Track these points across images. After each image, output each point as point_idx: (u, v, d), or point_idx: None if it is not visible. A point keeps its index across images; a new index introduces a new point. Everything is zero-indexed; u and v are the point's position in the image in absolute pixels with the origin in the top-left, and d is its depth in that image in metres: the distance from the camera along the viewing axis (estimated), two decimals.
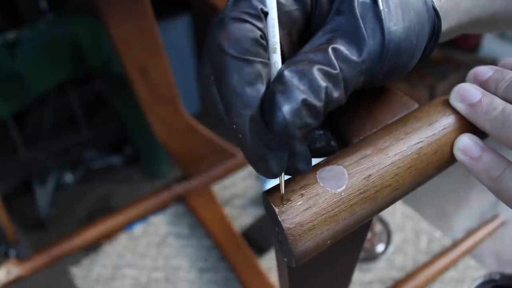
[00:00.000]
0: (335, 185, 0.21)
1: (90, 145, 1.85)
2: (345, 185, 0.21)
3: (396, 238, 0.77)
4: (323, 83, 0.19)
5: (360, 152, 0.22)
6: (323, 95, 0.19)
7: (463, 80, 0.25)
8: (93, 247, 0.80)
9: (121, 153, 1.88)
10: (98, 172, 1.84)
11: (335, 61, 0.19)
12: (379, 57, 0.20)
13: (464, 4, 0.25)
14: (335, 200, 0.21)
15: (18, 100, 1.34)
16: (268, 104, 0.18)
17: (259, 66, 0.19)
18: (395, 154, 0.22)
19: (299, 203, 0.20)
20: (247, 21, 0.19)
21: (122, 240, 0.80)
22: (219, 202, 0.83)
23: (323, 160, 0.22)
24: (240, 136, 0.19)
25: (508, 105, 0.22)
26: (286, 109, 0.18)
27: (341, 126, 0.25)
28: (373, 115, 0.25)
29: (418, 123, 0.23)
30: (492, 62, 1.88)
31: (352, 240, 0.27)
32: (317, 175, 0.21)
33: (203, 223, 0.79)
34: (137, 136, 1.71)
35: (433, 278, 0.70)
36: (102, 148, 1.88)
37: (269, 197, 0.21)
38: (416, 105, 0.25)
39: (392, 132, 0.23)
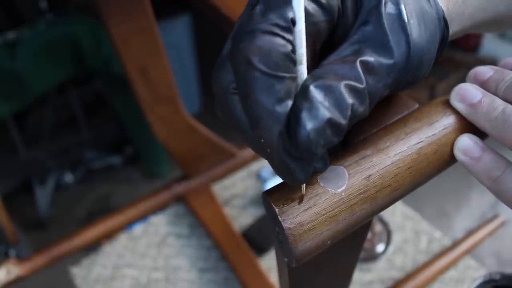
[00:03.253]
0: (336, 185, 0.21)
1: (90, 145, 1.85)
2: (345, 185, 0.21)
3: (396, 238, 0.77)
4: (349, 100, 0.18)
5: (360, 152, 0.22)
6: (348, 112, 0.18)
7: (463, 80, 0.25)
8: (93, 247, 0.80)
9: (121, 153, 1.87)
10: (98, 172, 1.84)
11: (362, 76, 0.19)
12: (404, 68, 0.20)
13: (468, 11, 0.25)
14: (335, 200, 0.21)
15: (18, 100, 1.34)
16: (293, 120, 0.18)
17: (289, 82, 0.18)
18: (395, 154, 0.22)
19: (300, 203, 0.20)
20: (278, 35, 0.18)
21: (122, 240, 0.80)
22: (219, 202, 0.83)
23: None
24: (269, 150, 0.19)
25: (509, 105, 0.22)
26: (310, 127, 0.18)
27: None
28: (373, 115, 0.25)
29: (418, 123, 0.23)
30: (492, 62, 1.88)
31: (352, 240, 0.27)
32: (318, 175, 0.21)
33: (203, 223, 0.79)
34: (137, 136, 1.71)
35: (433, 278, 0.70)
36: (102, 148, 1.88)
37: (269, 197, 0.21)
38: (416, 105, 0.25)
39: (392, 132, 0.23)
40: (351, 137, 0.24)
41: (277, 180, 0.21)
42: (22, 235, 1.51)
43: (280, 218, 0.20)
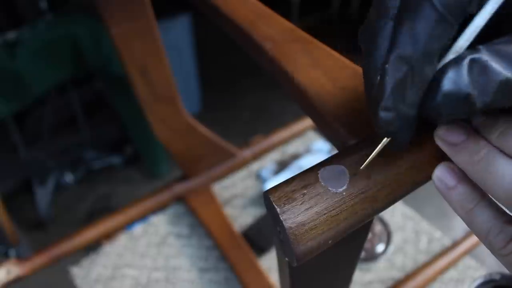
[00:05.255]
0: (337, 185, 0.21)
1: (90, 145, 1.85)
2: (346, 185, 0.21)
3: (396, 238, 0.77)
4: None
5: (361, 152, 0.22)
6: (489, 99, 0.18)
7: None
8: (93, 247, 0.80)
9: (121, 153, 1.88)
10: (98, 172, 1.84)
11: None
12: None
13: None
14: (336, 200, 0.21)
15: (18, 100, 1.34)
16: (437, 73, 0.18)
17: (449, 31, 0.18)
18: (396, 154, 0.22)
19: (301, 202, 0.20)
20: None
21: (122, 240, 0.80)
22: (219, 202, 0.83)
23: (324, 160, 0.22)
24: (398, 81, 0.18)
25: (493, 149, 0.20)
26: (441, 94, 0.18)
27: None
28: None
29: None
30: None
31: (353, 240, 0.27)
32: (319, 175, 0.21)
33: (203, 223, 0.79)
34: (137, 136, 1.71)
35: (433, 278, 0.70)
36: (102, 148, 1.88)
37: (270, 197, 0.21)
38: None
39: None
40: (351, 137, 0.24)
41: (277, 180, 0.21)
42: (22, 235, 1.51)
43: (281, 218, 0.20)
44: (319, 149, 0.91)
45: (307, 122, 0.96)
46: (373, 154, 0.21)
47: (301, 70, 0.29)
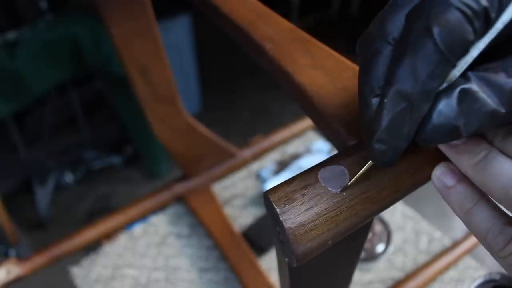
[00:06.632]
0: (336, 185, 0.21)
1: (90, 145, 1.85)
2: (346, 186, 0.21)
3: (396, 238, 0.77)
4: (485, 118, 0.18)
5: (361, 153, 0.22)
6: (474, 128, 0.18)
7: None
8: (93, 247, 0.80)
9: (121, 153, 1.88)
10: (98, 172, 1.84)
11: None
12: None
13: None
14: (336, 200, 0.21)
15: (18, 100, 1.34)
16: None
17: (449, 68, 0.18)
18: None
19: (301, 203, 0.20)
20: (469, 18, 0.17)
21: (122, 240, 0.80)
22: (219, 202, 0.83)
23: (324, 160, 0.22)
24: (393, 114, 0.19)
25: (494, 150, 0.20)
26: (431, 127, 0.19)
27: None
28: None
29: None
30: None
31: (353, 240, 0.27)
32: (319, 176, 0.21)
33: (203, 223, 0.79)
34: (137, 136, 1.71)
35: (433, 278, 0.70)
36: (102, 148, 1.88)
37: (270, 197, 0.21)
38: None
39: None
40: (351, 138, 0.24)
41: (277, 180, 0.21)
42: (22, 235, 1.51)
43: (281, 218, 0.20)
44: (319, 149, 0.91)
45: (307, 122, 0.96)
46: (359, 173, 0.21)
47: (301, 70, 0.29)
